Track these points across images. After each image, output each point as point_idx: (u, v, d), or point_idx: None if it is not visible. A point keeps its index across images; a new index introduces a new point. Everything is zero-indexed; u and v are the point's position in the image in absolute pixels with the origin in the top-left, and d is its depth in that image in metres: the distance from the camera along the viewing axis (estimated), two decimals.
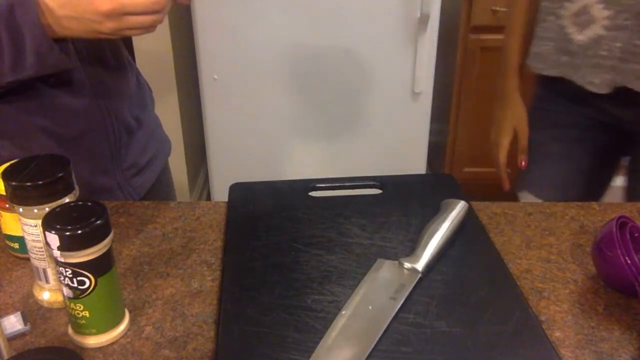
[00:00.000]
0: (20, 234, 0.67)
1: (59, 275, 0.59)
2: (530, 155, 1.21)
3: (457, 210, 0.78)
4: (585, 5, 1.02)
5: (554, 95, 1.18)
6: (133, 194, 0.97)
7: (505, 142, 1.23)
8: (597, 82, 1.05)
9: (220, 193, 2.23)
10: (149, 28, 0.73)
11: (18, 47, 0.72)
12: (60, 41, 0.74)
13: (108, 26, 0.70)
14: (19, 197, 0.63)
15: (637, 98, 1.02)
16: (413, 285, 0.68)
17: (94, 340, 0.62)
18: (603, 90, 1.05)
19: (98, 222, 0.57)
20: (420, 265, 0.70)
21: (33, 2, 0.70)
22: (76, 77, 0.85)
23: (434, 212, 0.79)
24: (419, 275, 0.69)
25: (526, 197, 1.23)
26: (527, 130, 1.20)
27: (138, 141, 0.98)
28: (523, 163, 1.21)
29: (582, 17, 1.03)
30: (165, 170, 1.10)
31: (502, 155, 1.25)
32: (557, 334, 0.64)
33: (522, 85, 1.21)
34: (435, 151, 2.49)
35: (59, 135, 0.85)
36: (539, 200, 1.19)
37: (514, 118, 1.21)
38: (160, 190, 1.07)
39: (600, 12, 1.01)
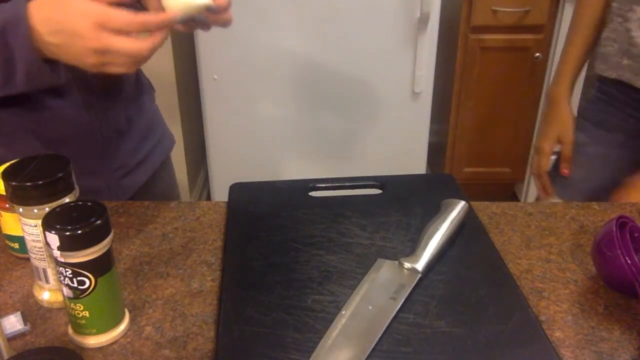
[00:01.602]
0: (20, 234, 0.67)
1: (59, 275, 0.59)
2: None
3: (457, 210, 0.78)
4: None
5: (606, 97, 1.14)
6: (121, 195, 0.96)
7: (547, 149, 1.19)
8: None
9: (220, 193, 2.23)
10: (130, 67, 0.73)
11: (9, 67, 0.73)
12: (51, 60, 0.74)
13: (92, 60, 0.70)
14: (19, 197, 0.63)
15: None
16: (413, 285, 0.68)
17: (94, 340, 0.62)
18: None
19: (98, 222, 0.57)
20: (420, 265, 0.70)
21: (25, 24, 0.70)
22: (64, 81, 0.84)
23: (434, 212, 0.79)
24: (419, 275, 0.69)
25: None
26: (573, 139, 1.16)
27: (129, 142, 0.97)
28: (565, 171, 1.17)
29: None
30: (165, 167, 1.09)
31: (544, 162, 1.20)
32: (557, 334, 0.64)
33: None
34: (435, 151, 2.49)
35: (45, 137, 0.85)
36: None
37: (560, 125, 1.17)
38: (158, 187, 1.06)
39: None
